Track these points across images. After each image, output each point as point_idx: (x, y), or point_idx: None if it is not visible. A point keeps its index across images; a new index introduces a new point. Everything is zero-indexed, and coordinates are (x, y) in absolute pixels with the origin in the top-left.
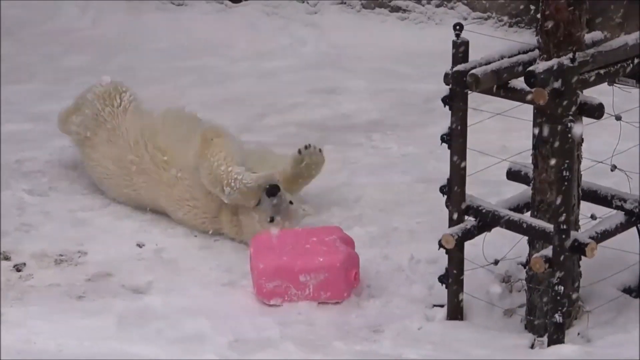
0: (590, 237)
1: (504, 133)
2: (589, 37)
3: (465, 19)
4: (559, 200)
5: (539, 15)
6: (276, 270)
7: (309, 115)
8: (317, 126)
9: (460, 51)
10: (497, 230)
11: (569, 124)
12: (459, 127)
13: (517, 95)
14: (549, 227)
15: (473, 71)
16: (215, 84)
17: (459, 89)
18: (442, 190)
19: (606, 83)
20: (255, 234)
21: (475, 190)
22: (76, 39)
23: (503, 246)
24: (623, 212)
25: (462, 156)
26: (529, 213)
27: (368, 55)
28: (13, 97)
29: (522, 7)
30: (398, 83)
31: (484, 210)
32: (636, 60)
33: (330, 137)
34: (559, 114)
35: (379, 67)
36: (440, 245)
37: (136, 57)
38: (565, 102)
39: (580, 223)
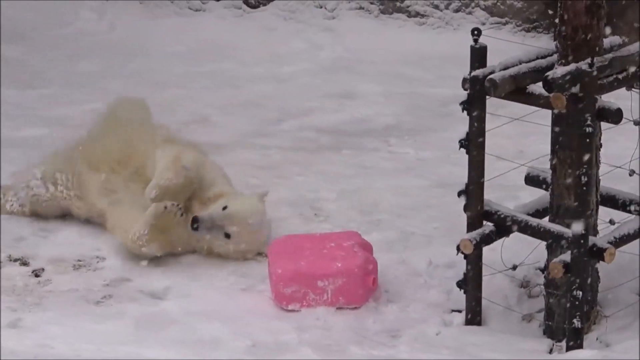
0: (608, 242)
1: (521, 138)
2: (607, 41)
3: (484, 23)
4: (577, 205)
5: (557, 20)
6: (294, 275)
7: (325, 120)
8: (333, 131)
9: (478, 56)
10: (515, 235)
11: (587, 129)
12: (477, 132)
13: (535, 100)
14: (567, 232)
15: (491, 76)
16: (231, 88)
17: (477, 93)
18: (459, 195)
19: (624, 88)
20: (228, 253)
21: (493, 195)
22: (92, 43)
23: (521, 251)
24: None
25: (480, 161)
26: (547, 218)
27: (385, 59)
28: (29, 102)
29: (539, 11)
30: (414, 87)
31: (502, 215)
32: None
33: (347, 142)
34: (577, 119)
35: (395, 72)
36: (459, 250)
37: (153, 61)
38: (583, 107)
39: (598, 228)
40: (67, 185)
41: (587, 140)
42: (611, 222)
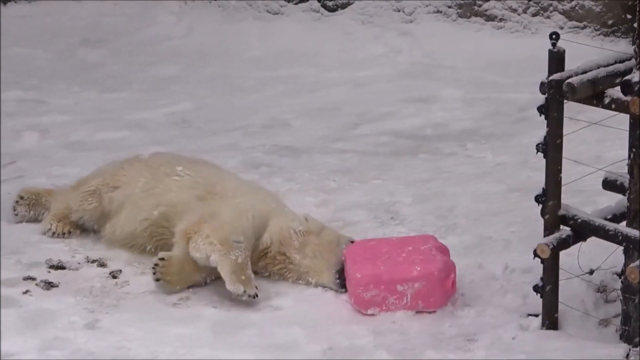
0: None
1: (599, 143)
2: None
3: (562, 28)
4: None
5: (635, 25)
6: (374, 280)
7: (402, 124)
8: (411, 135)
9: (556, 60)
10: (593, 240)
11: None
12: (555, 136)
13: (613, 105)
14: None
15: (569, 80)
16: (308, 92)
17: (555, 98)
18: (537, 199)
19: None
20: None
21: (570, 200)
22: (171, 47)
23: (598, 256)
24: None
25: (558, 165)
26: (624, 223)
27: (462, 64)
28: (109, 105)
29: (617, 16)
30: (492, 92)
31: (579, 220)
32: None
33: (424, 146)
34: None
35: (473, 76)
36: (536, 255)
37: (230, 66)
38: None
39: None
40: None
41: None
42: None
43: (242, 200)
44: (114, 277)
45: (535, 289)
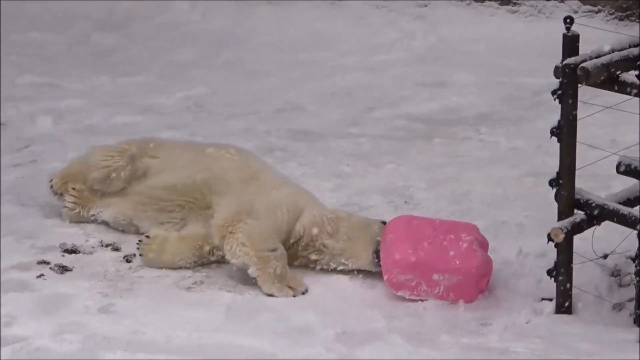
0: None
1: (614, 127)
2: None
3: (576, 12)
4: None
5: None
6: (411, 265)
7: (417, 109)
8: (425, 120)
9: (571, 44)
10: (607, 224)
11: None
12: (569, 120)
13: (627, 89)
14: None
15: (583, 64)
16: (323, 77)
17: (569, 82)
18: (551, 183)
19: None
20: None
21: (584, 184)
22: (185, 32)
23: (612, 240)
24: None
25: (572, 150)
26: (638, 207)
27: (477, 48)
28: (123, 90)
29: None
30: (507, 77)
31: (593, 204)
32: None
33: (438, 131)
34: None
35: (487, 61)
36: (550, 239)
37: (245, 51)
38: None
39: None
40: None
41: None
42: None
43: (278, 193)
44: (128, 261)
45: (549, 272)
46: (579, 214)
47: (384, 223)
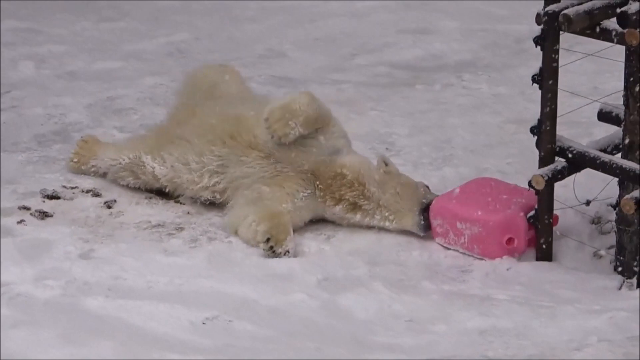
0: None
1: (595, 74)
2: None
3: None
4: None
5: None
6: (439, 209)
7: (400, 55)
8: (408, 66)
9: None
10: (587, 172)
11: None
12: (550, 68)
13: (609, 36)
14: (639, 168)
15: (565, 11)
16: (306, 23)
17: (550, 29)
18: (532, 131)
19: None
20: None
21: (565, 131)
22: None
23: (593, 187)
24: None
25: (553, 97)
26: (619, 154)
27: None
28: (106, 35)
29: None
30: (490, 23)
31: (574, 151)
32: None
33: (421, 77)
34: None
35: (471, 7)
36: (530, 186)
37: None
38: None
39: None
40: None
41: None
42: None
43: None
44: (109, 207)
45: (530, 220)
46: (559, 161)
47: (427, 187)
